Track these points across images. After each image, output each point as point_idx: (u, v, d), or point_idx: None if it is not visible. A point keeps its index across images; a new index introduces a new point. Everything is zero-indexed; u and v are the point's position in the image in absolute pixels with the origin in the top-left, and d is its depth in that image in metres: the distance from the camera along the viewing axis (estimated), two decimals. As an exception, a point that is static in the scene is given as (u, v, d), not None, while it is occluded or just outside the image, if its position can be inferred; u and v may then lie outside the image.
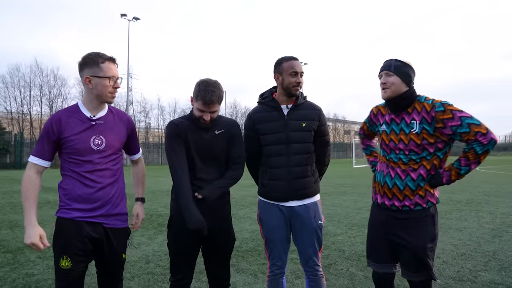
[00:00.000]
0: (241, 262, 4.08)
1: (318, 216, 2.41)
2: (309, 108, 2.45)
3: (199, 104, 2.20)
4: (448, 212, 7.12)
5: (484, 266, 3.87)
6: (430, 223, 2.15)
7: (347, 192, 10.49)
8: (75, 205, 2.00)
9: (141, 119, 43.21)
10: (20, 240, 5.19)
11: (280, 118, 2.39)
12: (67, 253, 1.96)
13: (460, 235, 5.23)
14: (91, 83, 2.00)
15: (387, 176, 2.20)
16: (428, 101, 2.12)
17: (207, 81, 2.22)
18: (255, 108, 2.54)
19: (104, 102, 2.08)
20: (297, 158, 2.37)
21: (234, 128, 2.39)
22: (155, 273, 3.78)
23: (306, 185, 2.38)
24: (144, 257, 4.34)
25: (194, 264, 2.36)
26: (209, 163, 2.29)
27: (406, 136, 2.14)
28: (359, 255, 4.31)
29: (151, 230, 5.77)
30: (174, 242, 2.31)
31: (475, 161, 2.05)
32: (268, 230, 2.44)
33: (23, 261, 4.22)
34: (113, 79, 2.03)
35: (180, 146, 2.25)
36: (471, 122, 2.02)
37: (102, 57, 2.01)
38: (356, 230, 5.61)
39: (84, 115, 2.04)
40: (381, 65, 2.24)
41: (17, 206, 8.43)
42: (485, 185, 12.42)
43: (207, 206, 2.22)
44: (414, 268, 2.13)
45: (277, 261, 2.44)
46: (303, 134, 2.38)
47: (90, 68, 1.99)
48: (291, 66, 2.36)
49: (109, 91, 2.03)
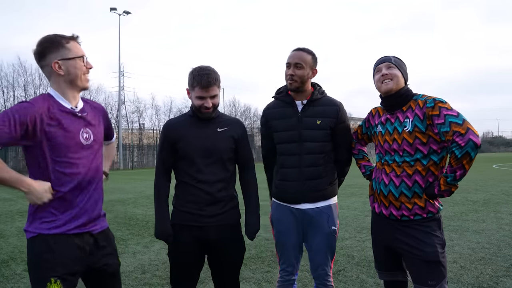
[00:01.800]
0: (244, 270, 4.06)
1: (331, 221, 2.37)
2: (326, 104, 2.41)
3: (197, 90, 2.20)
4: (464, 213, 7.09)
5: (506, 272, 3.84)
6: (436, 228, 2.13)
7: (355, 193, 10.45)
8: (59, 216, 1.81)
9: (135, 120, 43.24)
10: (4, 251, 5.18)
11: (293, 115, 2.37)
12: (56, 275, 1.74)
13: (478, 238, 5.20)
14: (61, 68, 1.83)
15: (382, 183, 2.20)
16: (423, 98, 2.13)
17: (200, 66, 2.24)
18: (269, 104, 2.53)
19: (80, 88, 1.91)
20: (309, 158, 2.34)
21: (239, 128, 2.37)
22: (152, 284, 3.76)
23: (319, 187, 2.36)
24: (140, 267, 4.32)
25: (197, 277, 2.33)
26: (211, 163, 2.25)
27: (399, 135, 2.15)
28: (370, 261, 4.28)
29: (147, 238, 5.74)
30: (175, 252, 2.27)
31: (458, 167, 1.97)
32: (279, 233, 2.42)
33: (8, 274, 4.20)
34: (84, 58, 1.89)
35: (167, 149, 2.29)
36: (452, 120, 1.98)
37: (65, 38, 1.85)
38: (365, 234, 5.58)
39: (65, 106, 1.85)
40: (377, 61, 2.28)
41: (2, 215, 8.41)
42: (504, 183, 12.34)
43: (211, 215, 2.22)
44: (427, 276, 2.10)
45: (287, 266, 2.41)
46: (317, 132, 2.35)
47: (56, 51, 1.82)
48: (288, 57, 2.37)
49: (83, 72, 1.89)
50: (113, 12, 35.51)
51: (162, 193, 2.29)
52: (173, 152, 2.28)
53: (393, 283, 2.31)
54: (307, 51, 2.38)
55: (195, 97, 2.22)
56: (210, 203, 2.22)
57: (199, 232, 2.22)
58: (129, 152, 37.61)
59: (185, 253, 2.23)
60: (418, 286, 2.12)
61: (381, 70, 2.21)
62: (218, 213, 2.24)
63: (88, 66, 1.92)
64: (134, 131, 41.59)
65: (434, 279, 2.08)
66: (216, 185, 2.24)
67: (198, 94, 2.20)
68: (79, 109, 1.92)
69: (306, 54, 2.37)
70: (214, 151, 2.25)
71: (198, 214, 2.21)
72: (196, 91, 2.20)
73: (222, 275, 2.33)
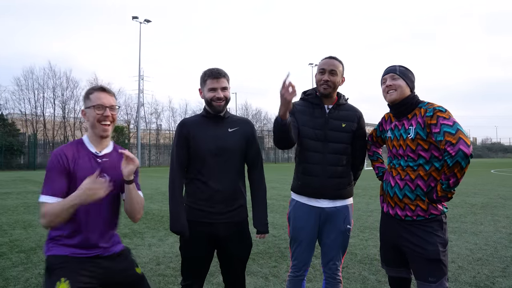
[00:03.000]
0: (252, 265, 4.06)
1: (348, 221, 2.39)
2: (349, 109, 2.45)
3: (209, 83, 2.23)
4: (462, 215, 6.99)
5: (502, 272, 3.77)
6: (439, 228, 2.12)
7: (359, 194, 10.38)
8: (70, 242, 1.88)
9: (152, 121, 43.60)
10: (33, 240, 5.27)
11: (321, 116, 2.39)
12: (65, 276, 1.77)
13: (476, 239, 5.12)
14: (86, 116, 1.97)
15: (389, 185, 2.23)
16: (425, 106, 2.11)
17: (209, 67, 2.30)
18: (297, 101, 2.52)
19: (99, 135, 1.95)
20: (332, 157, 2.35)
21: (249, 127, 2.38)
22: (165, 275, 3.78)
23: (339, 186, 2.36)
24: (154, 259, 4.35)
25: (206, 270, 2.32)
26: (222, 162, 2.23)
27: (404, 142, 2.16)
28: (372, 259, 4.24)
29: (162, 232, 5.78)
30: (186, 246, 2.27)
31: (451, 175, 1.95)
32: (295, 229, 2.41)
33: (36, 261, 4.27)
34: (100, 107, 1.91)
35: (183, 146, 2.26)
36: (446, 130, 1.95)
37: (93, 89, 1.98)
38: (368, 233, 5.54)
39: (90, 151, 1.95)
40: (384, 70, 2.27)
41: (31, 206, 8.56)
42: (501, 188, 12.14)
43: (221, 213, 2.22)
44: (428, 273, 2.08)
45: (299, 262, 2.40)
46: (342, 134, 2.37)
47: (84, 101, 1.98)
48: (321, 64, 2.39)
49: (97, 119, 1.91)
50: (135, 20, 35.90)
51: (177, 189, 2.25)
52: (188, 149, 2.27)
53: (398, 279, 2.31)
54: (338, 60, 2.40)
55: (207, 90, 2.24)
56: (220, 201, 2.22)
57: (209, 228, 2.21)
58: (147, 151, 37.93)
59: (196, 247, 2.23)
60: (419, 282, 2.12)
61: (386, 81, 2.21)
62: (228, 211, 2.23)
63: (104, 114, 1.91)
64: (152, 131, 41.92)
65: (435, 276, 2.07)
66: (226, 183, 2.24)
67: (210, 86, 2.22)
68: (102, 154, 1.97)
69: (338, 63, 2.38)
70: (225, 150, 2.24)
71: (209, 211, 2.21)
72: (208, 84, 2.23)
73: (229, 269, 2.34)
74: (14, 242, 5.18)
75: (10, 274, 3.81)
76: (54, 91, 36.84)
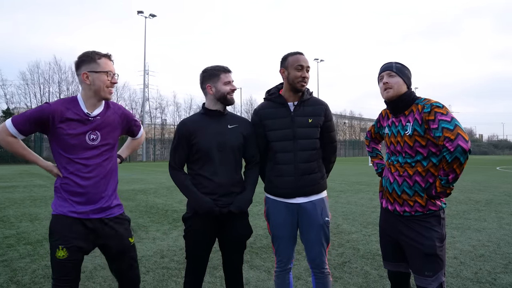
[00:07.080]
0: (255, 259, 4.10)
1: (325, 213, 2.40)
2: (315, 104, 2.44)
3: (223, 77, 2.32)
4: (466, 212, 6.97)
5: (504, 269, 3.77)
6: (436, 223, 2.13)
7: (363, 190, 10.38)
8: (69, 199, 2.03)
9: (157, 116, 43.79)
10: (39, 232, 5.35)
11: (286, 115, 2.39)
12: (63, 244, 1.97)
13: (479, 236, 5.12)
14: (88, 79, 2.02)
15: (388, 181, 2.24)
16: (422, 103, 2.11)
17: (207, 66, 2.40)
18: (261, 104, 2.53)
19: (102, 98, 2.09)
20: (304, 154, 2.36)
21: (247, 125, 2.44)
22: (169, 268, 3.84)
23: (313, 182, 2.38)
24: (159, 252, 4.40)
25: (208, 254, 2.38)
26: (224, 157, 2.31)
27: (401, 138, 2.16)
28: (374, 254, 4.27)
29: (166, 225, 5.84)
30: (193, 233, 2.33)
31: (450, 171, 1.95)
32: (274, 227, 2.43)
33: (43, 253, 4.35)
34: (110, 74, 2.06)
35: (183, 146, 2.34)
36: (445, 126, 1.95)
37: (98, 54, 2.05)
38: (371, 229, 5.56)
39: (82, 110, 2.04)
40: (381, 68, 2.28)
41: (37, 199, 8.67)
42: (506, 185, 12.06)
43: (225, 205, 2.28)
44: (425, 267, 2.10)
45: (283, 257, 2.44)
46: (310, 130, 2.38)
47: (88, 64, 2.03)
48: (296, 60, 2.35)
49: (106, 85, 2.05)
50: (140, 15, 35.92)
51: (184, 179, 2.33)
52: (189, 149, 2.33)
53: (396, 274, 2.33)
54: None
55: (222, 83, 2.31)
56: (224, 194, 2.29)
57: (213, 218, 2.29)
58: (152, 146, 38.11)
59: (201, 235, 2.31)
60: (416, 276, 2.14)
61: (383, 79, 2.21)
62: (230, 203, 2.31)
63: (112, 81, 2.08)
64: (157, 126, 42.10)
65: (431, 270, 2.09)
66: (229, 177, 2.31)
67: (225, 79, 2.32)
68: (94, 114, 2.07)
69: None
70: (226, 145, 2.31)
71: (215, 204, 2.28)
72: (222, 78, 2.31)
73: (230, 254, 2.41)
74: (21, 234, 5.27)
75: (17, 265, 3.89)
76: (59, 86, 37.16)
